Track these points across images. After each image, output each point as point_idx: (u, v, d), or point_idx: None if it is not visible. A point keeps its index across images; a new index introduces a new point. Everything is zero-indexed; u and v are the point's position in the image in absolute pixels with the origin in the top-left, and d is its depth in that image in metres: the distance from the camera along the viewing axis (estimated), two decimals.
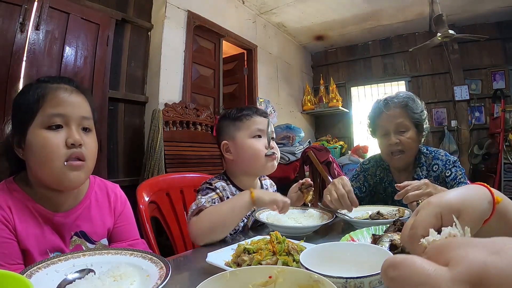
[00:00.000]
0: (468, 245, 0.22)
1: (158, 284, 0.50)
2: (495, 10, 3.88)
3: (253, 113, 1.12)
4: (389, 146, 1.28)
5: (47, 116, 0.70)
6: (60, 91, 0.73)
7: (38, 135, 0.70)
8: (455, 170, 1.25)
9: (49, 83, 0.74)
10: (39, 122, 0.70)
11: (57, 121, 0.71)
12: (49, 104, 0.71)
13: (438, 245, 0.24)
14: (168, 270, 0.55)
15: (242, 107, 1.16)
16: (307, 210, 1.09)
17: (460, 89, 4.23)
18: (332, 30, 4.60)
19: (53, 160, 0.69)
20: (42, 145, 0.69)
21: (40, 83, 0.75)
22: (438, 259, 0.22)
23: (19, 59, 1.92)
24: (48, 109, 0.71)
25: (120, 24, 2.57)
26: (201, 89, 3.22)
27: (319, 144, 3.98)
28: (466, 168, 4.06)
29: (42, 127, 0.70)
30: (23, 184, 0.75)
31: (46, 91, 0.72)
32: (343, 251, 0.54)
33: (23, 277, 0.36)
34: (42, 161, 0.70)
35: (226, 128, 1.14)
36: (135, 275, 0.57)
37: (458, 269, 0.21)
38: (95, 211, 0.83)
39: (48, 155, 0.69)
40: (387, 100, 1.30)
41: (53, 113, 0.71)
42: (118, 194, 0.90)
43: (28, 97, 0.72)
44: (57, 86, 0.74)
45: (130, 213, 0.93)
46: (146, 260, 0.61)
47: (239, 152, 1.09)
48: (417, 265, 0.22)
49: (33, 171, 0.72)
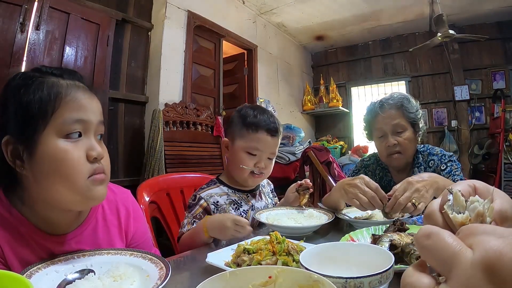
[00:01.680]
0: (491, 233, 0.23)
1: (158, 284, 0.50)
2: (495, 10, 3.88)
3: (262, 128, 1.06)
4: (387, 148, 1.27)
5: (66, 122, 0.57)
6: (80, 92, 0.60)
7: (55, 146, 0.56)
8: (451, 164, 1.25)
9: (61, 79, 0.60)
10: (55, 129, 0.57)
11: (77, 128, 0.59)
12: (67, 107, 0.58)
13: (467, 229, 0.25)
14: (168, 270, 0.55)
15: (259, 112, 1.10)
16: (307, 210, 1.08)
17: (460, 89, 4.23)
18: (332, 30, 4.60)
19: (76, 177, 0.57)
20: (61, 159, 0.56)
21: (47, 76, 0.60)
22: (465, 240, 0.24)
23: (19, 59, 1.92)
24: (66, 113, 0.57)
25: (120, 24, 2.57)
26: (201, 89, 3.22)
27: (319, 144, 3.98)
28: (466, 168, 4.06)
29: (59, 136, 0.57)
30: (17, 202, 0.61)
31: (62, 90, 0.58)
32: (343, 251, 0.54)
33: (23, 277, 0.36)
34: (62, 178, 0.57)
35: (234, 126, 1.12)
36: (135, 275, 0.57)
37: (477, 253, 0.22)
38: (102, 234, 0.70)
39: (69, 171, 0.57)
40: (382, 102, 1.30)
41: (74, 118, 0.58)
42: (130, 209, 0.77)
43: (36, 95, 0.56)
44: (72, 83, 0.61)
45: (145, 226, 0.82)
46: (146, 260, 0.61)
47: (231, 157, 1.12)
48: (447, 240, 0.24)
49: (43, 189, 0.58)
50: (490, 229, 0.24)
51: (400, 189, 0.93)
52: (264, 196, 1.23)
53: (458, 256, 0.23)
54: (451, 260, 0.23)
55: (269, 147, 1.09)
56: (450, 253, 0.23)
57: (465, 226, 0.26)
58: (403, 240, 0.62)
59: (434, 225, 0.29)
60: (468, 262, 0.22)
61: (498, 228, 0.24)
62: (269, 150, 1.09)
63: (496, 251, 0.21)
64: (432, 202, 0.35)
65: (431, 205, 0.34)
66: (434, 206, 0.33)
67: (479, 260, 0.21)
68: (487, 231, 0.24)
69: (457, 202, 0.30)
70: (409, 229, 0.71)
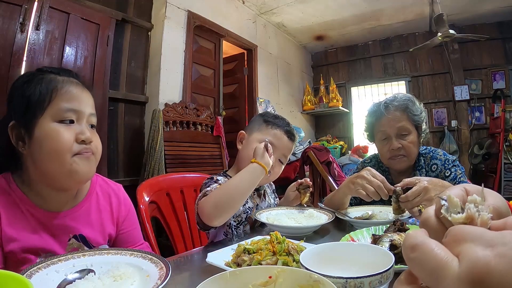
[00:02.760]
0: (479, 239, 0.22)
1: (158, 284, 0.50)
2: (495, 10, 3.88)
3: (281, 127, 1.11)
4: (390, 151, 1.25)
5: (60, 110, 0.69)
6: (73, 86, 0.72)
7: (49, 127, 0.68)
8: (455, 170, 1.22)
9: (58, 76, 0.72)
10: (51, 115, 0.68)
11: (70, 116, 0.70)
12: (62, 98, 0.69)
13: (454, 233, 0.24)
14: (168, 270, 0.55)
15: (280, 116, 1.17)
16: (307, 210, 1.09)
17: (460, 89, 4.23)
18: (332, 30, 4.60)
19: (64, 153, 0.68)
20: (53, 137, 0.67)
21: (46, 74, 0.72)
22: (453, 248, 0.23)
23: (19, 59, 1.92)
24: (61, 103, 0.69)
25: (120, 24, 2.57)
26: (201, 89, 3.22)
27: (319, 144, 3.98)
28: (466, 168, 4.06)
29: (54, 120, 0.68)
30: (19, 181, 0.72)
31: (58, 84, 0.70)
32: (343, 251, 0.54)
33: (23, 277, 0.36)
34: (52, 154, 0.67)
35: (253, 123, 1.16)
36: (135, 275, 0.57)
37: (463, 265, 0.21)
38: (95, 215, 0.80)
39: (59, 147, 0.67)
40: (387, 103, 1.26)
41: (67, 107, 0.69)
42: (121, 198, 0.87)
43: (37, 88, 0.68)
44: (68, 79, 0.72)
45: (134, 216, 0.90)
46: (146, 260, 0.61)
47: (244, 149, 1.12)
48: (434, 251, 0.23)
49: (38, 166, 0.69)
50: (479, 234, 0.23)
51: (416, 190, 0.92)
52: (267, 197, 1.23)
53: (444, 269, 0.22)
54: (437, 273, 0.22)
55: (283, 147, 1.11)
56: (436, 265, 0.23)
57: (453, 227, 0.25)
58: (403, 240, 0.62)
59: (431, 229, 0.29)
60: (455, 275, 0.21)
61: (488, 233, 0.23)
62: (282, 151, 1.11)
63: (484, 264, 0.20)
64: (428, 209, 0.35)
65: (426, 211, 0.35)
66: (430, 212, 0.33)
67: (466, 273, 0.21)
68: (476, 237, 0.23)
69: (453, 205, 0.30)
70: (409, 229, 0.71)
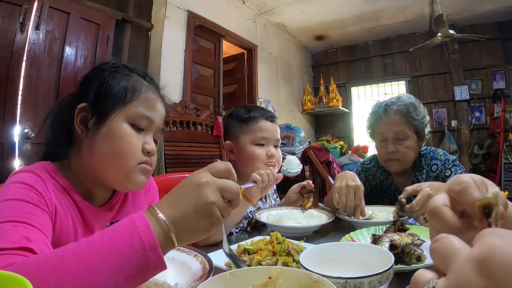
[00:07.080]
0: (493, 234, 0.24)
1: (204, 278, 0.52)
2: (495, 10, 3.88)
3: (260, 117, 1.10)
4: (386, 154, 1.25)
5: (138, 113, 0.66)
6: (155, 94, 0.70)
7: (122, 127, 0.64)
8: (455, 169, 1.21)
9: (144, 79, 0.70)
10: (127, 116, 0.65)
11: (144, 123, 0.67)
12: (142, 102, 0.66)
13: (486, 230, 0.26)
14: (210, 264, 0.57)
15: (250, 107, 1.14)
16: (307, 210, 1.08)
17: (460, 89, 4.23)
18: (332, 30, 4.60)
19: (129, 158, 0.64)
20: (123, 138, 0.64)
21: (133, 73, 0.69)
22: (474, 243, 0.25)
23: (19, 59, 1.92)
24: (140, 107, 0.66)
25: (120, 24, 2.57)
26: (201, 89, 3.22)
27: (319, 144, 3.98)
28: (466, 168, 4.04)
29: (128, 122, 0.65)
30: (64, 169, 0.66)
31: (143, 88, 0.68)
32: (343, 251, 0.54)
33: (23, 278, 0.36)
34: (117, 155, 0.64)
35: (231, 128, 1.13)
36: (169, 265, 0.57)
37: (473, 250, 0.24)
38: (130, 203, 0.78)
39: (127, 151, 0.64)
40: (387, 106, 1.24)
41: (144, 114, 0.66)
42: (153, 185, 0.86)
43: (122, 82, 0.66)
44: (151, 86, 0.70)
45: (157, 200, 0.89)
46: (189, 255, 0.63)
47: (240, 155, 1.10)
48: (451, 241, 0.26)
49: (94, 158, 0.64)
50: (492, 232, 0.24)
51: (419, 201, 0.90)
52: (269, 198, 1.23)
53: (457, 253, 0.25)
54: (450, 257, 0.25)
55: (272, 133, 1.11)
56: (450, 251, 0.25)
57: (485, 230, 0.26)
58: (403, 240, 0.62)
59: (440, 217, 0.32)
60: (465, 257, 0.24)
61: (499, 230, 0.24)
62: (274, 137, 1.11)
63: (489, 246, 0.22)
64: (434, 199, 0.35)
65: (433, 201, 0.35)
66: (438, 201, 0.34)
67: (474, 255, 0.23)
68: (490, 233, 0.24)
69: None
70: (409, 229, 0.71)
